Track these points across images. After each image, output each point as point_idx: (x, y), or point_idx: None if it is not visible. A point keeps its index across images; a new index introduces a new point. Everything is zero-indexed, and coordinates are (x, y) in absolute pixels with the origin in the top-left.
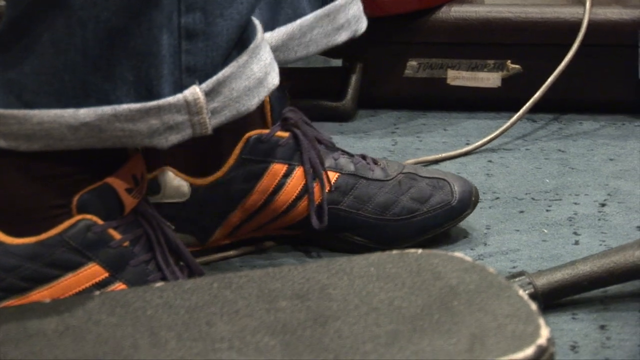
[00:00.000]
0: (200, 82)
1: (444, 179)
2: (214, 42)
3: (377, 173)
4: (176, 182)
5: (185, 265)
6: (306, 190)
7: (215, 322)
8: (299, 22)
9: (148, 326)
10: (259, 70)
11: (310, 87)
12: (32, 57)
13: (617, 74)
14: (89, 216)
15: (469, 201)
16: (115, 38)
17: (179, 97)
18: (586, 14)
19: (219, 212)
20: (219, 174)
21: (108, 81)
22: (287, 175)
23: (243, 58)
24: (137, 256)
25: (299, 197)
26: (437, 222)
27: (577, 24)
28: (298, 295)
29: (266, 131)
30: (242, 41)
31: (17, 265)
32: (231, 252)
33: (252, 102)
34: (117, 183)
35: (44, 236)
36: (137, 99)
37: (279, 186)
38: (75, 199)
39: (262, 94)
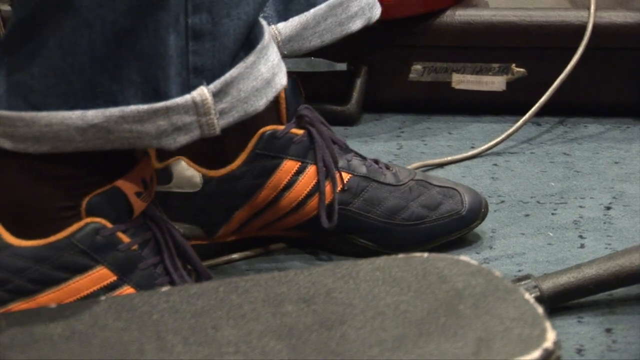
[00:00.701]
0: (208, 83)
1: (454, 189)
2: (221, 43)
3: (389, 177)
4: (189, 172)
5: (193, 269)
6: (317, 189)
7: (221, 327)
8: (312, 11)
9: (154, 330)
10: (266, 71)
11: (315, 91)
12: (40, 59)
13: (622, 77)
14: (97, 219)
15: (478, 212)
16: (122, 39)
17: (186, 97)
18: (591, 17)
19: (229, 206)
20: (231, 167)
21: (115, 82)
22: (299, 172)
23: (250, 58)
24: (145, 260)
25: (308, 196)
26: (446, 230)
27: (582, 28)
28: (304, 299)
29: (281, 127)
30: (249, 42)
31: (25, 267)
32: (236, 255)
33: (260, 103)
34: (126, 186)
35: (52, 239)
36: (145, 100)
37: (290, 183)
38: (85, 201)
39: (270, 95)
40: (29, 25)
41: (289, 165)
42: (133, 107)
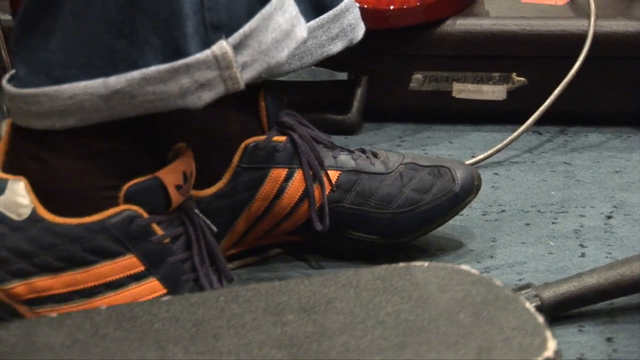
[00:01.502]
0: (227, 37)
1: (444, 166)
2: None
3: (378, 166)
4: None
5: (216, 269)
6: (307, 193)
7: (222, 336)
8: None
9: (155, 340)
10: (284, 22)
11: (315, 101)
12: (57, 33)
13: (623, 86)
14: (135, 207)
15: (471, 186)
16: (136, 2)
17: (207, 52)
18: (591, 27)
19: (224, 222)
20: (220, 184)
21: (134, 46)
22: (287, 179)
23: (267, 9)
24: (174, 254)
25: (301, 199)
26: (442, 210)
27: (582, 37)
28: (304, 308)
29: (263, 138)
30: None
31: (55, 244)
32: (236, 263)
33: (282, 55)
34: (167, 178)
35: (87, 220)
36: (165, 60)
37: (281, 190)
38: (124, 188)
39: (291, 46)
40: (43, 1)
41: (277, 174)
42: (154, 68)
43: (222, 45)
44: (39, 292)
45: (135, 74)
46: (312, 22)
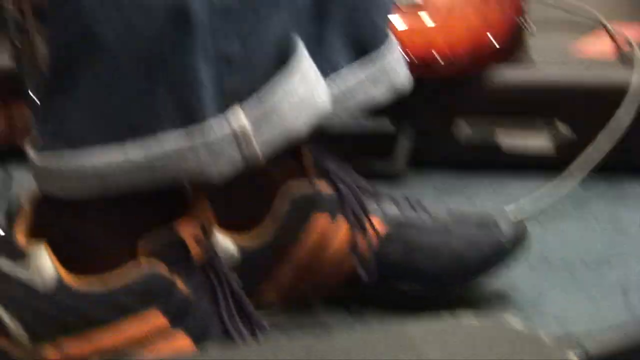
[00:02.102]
0: (245, 109)
1: (491, 218)
2: (252, 66)
3: (423, 217)
4: (222, 242)
5: (247, 320)
6: (351, 243)
7: None
8: (340, 85)
9: None
10: (304, 91)
11: (359, 148)
12: (77, 103)
13: None
14: (155, 261)
15: (517, 238)
16: (152, 71)
17: (225, 128)
18: (635, 74)
19: (264, 270)
20: (260, 229)
21: (152, 116)
22: (332, 229)
23: (285, 78)
24: (200, 307)
25: (345, 249)
26: (488, 262)
27: (627, 85)
28: None
29: (305, 182)
30: (282, 60)
31: (76, 305)
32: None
33: (302, 125)
34: (184, 230)
35: (107, 278)
36: (183, 129)
37: (325, 240)
38: (142, 242)
39: (311, 115)
40: (61, 70)
41: (321, 223)
42: (173, 143)
43: (239, 118)
44: (67, 354)
45: (156, 149)
46: (361, 75)
